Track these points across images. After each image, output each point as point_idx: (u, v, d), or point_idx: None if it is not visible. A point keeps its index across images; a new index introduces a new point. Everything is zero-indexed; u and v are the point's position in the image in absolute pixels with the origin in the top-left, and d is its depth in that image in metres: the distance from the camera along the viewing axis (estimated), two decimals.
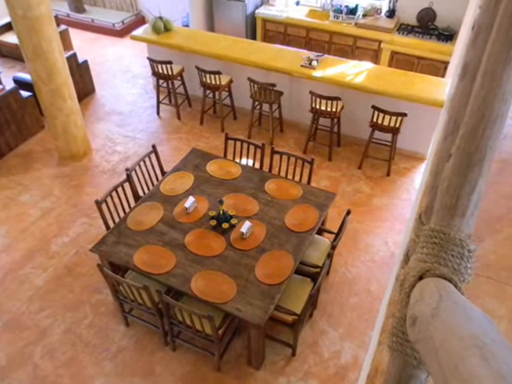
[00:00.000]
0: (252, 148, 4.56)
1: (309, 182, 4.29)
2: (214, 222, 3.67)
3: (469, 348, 0.48)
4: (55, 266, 4.37)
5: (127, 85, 7.06)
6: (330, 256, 3.62)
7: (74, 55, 6.34)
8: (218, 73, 5.59)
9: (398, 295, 0.76)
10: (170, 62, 5.76)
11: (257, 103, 5.71)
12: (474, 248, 0.71)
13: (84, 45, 8.11)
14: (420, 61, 6.50)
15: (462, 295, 0.65)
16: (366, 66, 5.61)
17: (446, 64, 6.19)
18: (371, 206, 5.02)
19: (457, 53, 5.55)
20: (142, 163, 4.30)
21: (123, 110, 6.49)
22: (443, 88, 5.07)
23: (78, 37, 8.17)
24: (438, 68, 6.38)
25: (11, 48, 7.24)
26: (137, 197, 4.22)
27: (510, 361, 0.46)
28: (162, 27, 6.13)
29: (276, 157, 4.42)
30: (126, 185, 4.09)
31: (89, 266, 4.33)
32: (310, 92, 5.15)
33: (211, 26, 7.66)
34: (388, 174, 5.38)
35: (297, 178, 4.32)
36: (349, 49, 7.00)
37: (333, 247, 3.70)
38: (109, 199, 3.90)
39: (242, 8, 7.21)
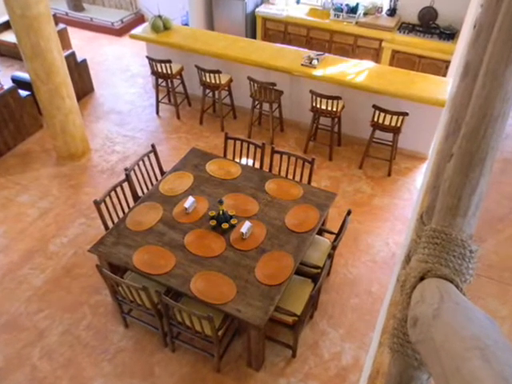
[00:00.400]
0: (252, 148, 4.56)
1: (309, 181, 4.29)
2: (213, 223, 3.67)
3: (470, 349, 0.48)
4: (53, 266, 4.37)
5: (126, 84, 7.06)
6: (330, 256, 3.62)
7: (73, 54, 6.34)
8: (218, 72, 5.59)
9: (399, 296, 0.76)
10: (169, 61, 5.76)
11: (257, 102, 5.71)
12: (476, 248, 0.71)
13: (83, 44, 8.11)
14: (421, 60, 6.50)
15: (464, 296, 0.65)
16: (367, 64, 5.61)
17: (447, 63, 6.19)
18: (372, 206, 5.02)
19: (458, 52, 5.55)
20: (141, 163, 4.30)
21: (122, 109, 6.49)
22: (444, 87, 5.07)
23: (76, 36, 8.17)
24: (439, 67, 6.38)
25: (9, 47, 7.25)
26: (136, 197, 4.22)
27: None
28: (162, 26, 6.13)
29: (276, 156, 4.42)
30: (125, 185, 4.09)
31: (87, 266, 4.33)
32: (311, 91, 5.15)
33: (211, 25, 7.66)
34: (389, 174, 5.38)
35: (297, 178, 4.32)
36: (349, 48, 7.00)
37: (333, 248, 3.70)
38: (108, 199, 3.90)
39: (242, 7, 7.21)
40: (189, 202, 3.81)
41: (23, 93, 5.73)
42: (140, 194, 4.28)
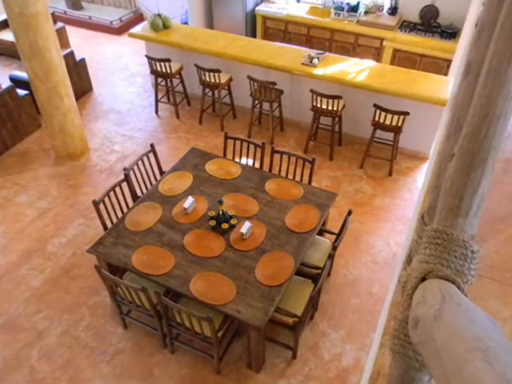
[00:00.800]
0: (252, 147, 4.56)
1: (310, 181, 4.29)
2: (213, 223, 3.67)
3: (472, 351, 0.48)
4: (52, 267, 4.37)
5: (125, 83, 7.06)
6: (331, 257, 3.62)
7: (72, 53, 6.34)
8: (218, 71, 5.59)
9: (401, 297, 0.76)
10: (168, 60, 5.76)
11: (257, 102, 5.71)
12: (478, 249, 0.71)
13: (81, 42, 8.11)
14: (422, 59, 6.50)
15: (466, 297, 0.64)
16: (368, 63, 5.61)
17: (448, 62, 6.19)
18: (373, 206, 5.02)
19: (460, 51, 5.55)
20: (140, 163, 4.29)
21: (121, 108, 6.49)
22: (446, 86, 5.07)
23: (75, 34, 8.17)
24: (440, 66, 6.38)
25: (7, 46, 7.24)
26: (135, 197, 4.22)
27: None
28: (161, 25, 6.13)
29: (276, 156, 4.42)
30: (124, 185, 4.09)
31: (86, 267, 4.33)
32: (311, 90, 5.15)
33: (210, 24, 7.66)
34: (390, 174, 5.38)
35: (297, 178, 4.32)
36: (350, 46, 7.00)
37: (334, 248, 3.70)
38: (106, 199, 3.89)
39: (242, 5, 7.20)
40: (188, 202, 3.81)
41: (21, 92, 5.72)
42: (139, 193, 4.28)
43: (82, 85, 6.62)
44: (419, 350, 0.64)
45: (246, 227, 3.57)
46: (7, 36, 7.11)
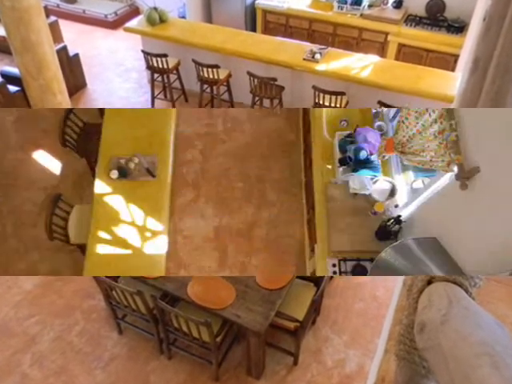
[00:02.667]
0: None
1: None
2: None
3: (479, 356, 0.48)
4: None
5: (120, 79, 7.06)
6: None
7: (65, 48, 6.34)
8: (216, 66, 5.58)
9: (406, 301, 0.76)
10: (165, 55, 5.76)
11: (257, 98, 5.70)
12: None
13: (75, 37, 8.10)
14: (429, 54, 6.50)
15: (473, 300, 0.65)
16: (372, 59, 5.61)
17: (456, 57, 6.19)
18: None
19: (467, 45, 5.55)
20: None
21: (116, 105, 6.48)
22: (453, 82, 5.07)
23: (68, 29, 8.16)
24: (447, 61, 6.38)
25: None
26: None
27: None
28: (157, 18, 6.13)
29: None
30: None
31: None
32: (313, 87, 5.15)
33: (209, 18, 7.66)
34: None
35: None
36: (354, 41, 7.00)
37: None
38: None
39: None
40: None
41: (13, 88, 5.72)
42: None
43: (75, 81, 6.62)
44: (425, 356, 0.64)
45: None
46: None
